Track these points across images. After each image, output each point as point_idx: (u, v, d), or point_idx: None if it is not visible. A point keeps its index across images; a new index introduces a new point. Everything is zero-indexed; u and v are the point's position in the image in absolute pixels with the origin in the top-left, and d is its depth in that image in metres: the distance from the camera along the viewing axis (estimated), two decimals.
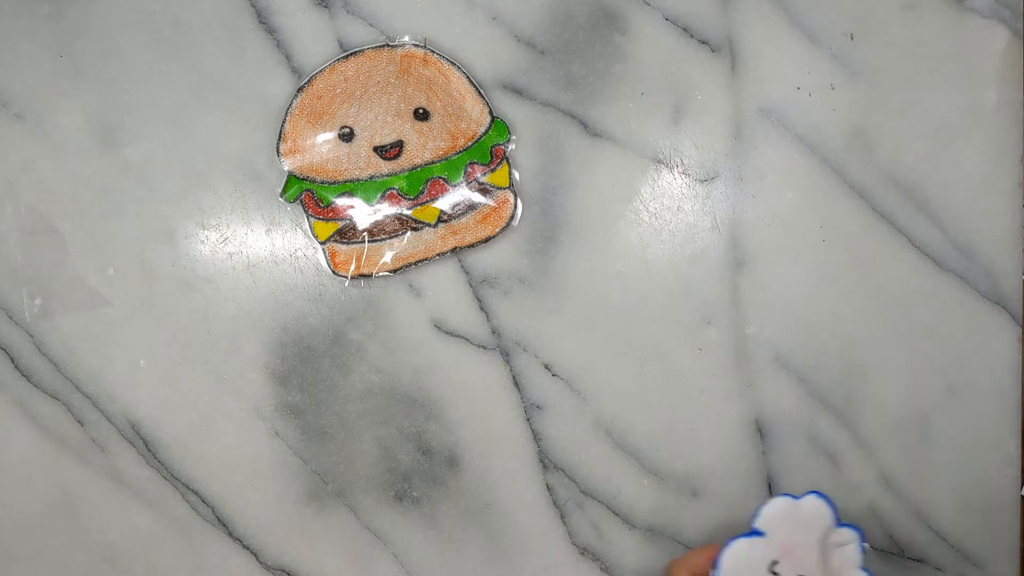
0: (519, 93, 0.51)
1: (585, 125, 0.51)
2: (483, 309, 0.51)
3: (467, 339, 0.52)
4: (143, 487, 0.51)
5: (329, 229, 0.50)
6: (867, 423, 0.53)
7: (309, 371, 0.51)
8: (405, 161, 0.50)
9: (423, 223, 0.50)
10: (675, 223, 0.52)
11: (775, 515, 0.45)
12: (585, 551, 0.53)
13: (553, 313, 0.52)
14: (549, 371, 0.52)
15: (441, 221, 0.50)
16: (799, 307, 0.52)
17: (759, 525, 0.45)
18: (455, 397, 0.52)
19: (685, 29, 0.51)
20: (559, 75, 0.51)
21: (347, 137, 0.50)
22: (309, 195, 0.50)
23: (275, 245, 0.51)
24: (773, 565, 0.44)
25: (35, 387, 0.51)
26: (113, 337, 0.51)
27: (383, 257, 0.50)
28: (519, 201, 0.50)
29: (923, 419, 0.53)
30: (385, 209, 0.50)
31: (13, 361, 0.51)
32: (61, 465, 0.51)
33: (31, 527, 0.52)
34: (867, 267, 0.52)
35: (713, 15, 0.51)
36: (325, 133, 0.50)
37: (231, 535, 0.52)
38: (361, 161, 0.50)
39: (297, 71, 0.50)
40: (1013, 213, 0.52)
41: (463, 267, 0.51)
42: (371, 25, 0.50)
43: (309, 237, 0.51)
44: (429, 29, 0.50)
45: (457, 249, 0.50)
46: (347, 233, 0.50)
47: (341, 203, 0.50)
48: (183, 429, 0.51)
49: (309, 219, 0.50)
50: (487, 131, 0.50)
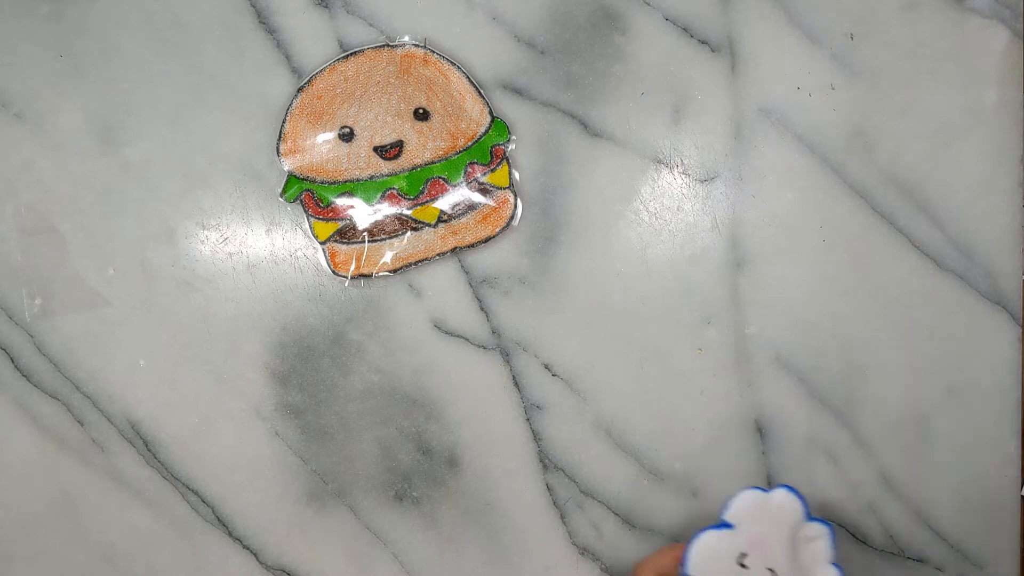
0: (519, 93, 0.51)
1: (585, 125, 0.51)
2: (483, 309, 0.51)
3: (467, 339, 0.52)
4: (143, 487, 0.51)
5: (329, 229, 0.50)
6: (867, 423, 0.53)
7: (309, 371, 0.51)
8: (405, 161, 0.50)
9: (423, 223, 0.50)
10: (675, 223, 0.52)
11: (744, 508, 0.45)
12: (585, 551, 0.53)
13: (553, 313, 0.52)
14: (549, 371, 0.52)
15: (441, 221, 0.50)
16: (799, 307, 0.52)
17: (728, 517, 0.45)
18: (455, 397, 0.52)
19: (685, 29, 0.51)
20: (559, 75, 0.51)
21: (347, 137, 0.50)
22: (309, 195, 0.50)
23: (275, 245, 0.51)
24: (742, 558, 0.44)
25: (35, 387, 0.51)
26: (113, 337, 0.51)
27: (383, 257, 0.50)
28: (519, 201, 0.50)
29: (923, 419, 0.53)
30: (385, 209, 0.50)
31: (13, 361, 0.51)
32: (61, 465, 0.51)
33: (31, 527, 0.52)
34: (867, 267, 0.52)
35: (713, 15, 0.51)
36: (325, 133, 0.50)
37: (231, 535, 0.52)
38: (361, 161, 0.50)
39: (297, 71, 0.50)
40: (1013, 213, 0.52)
41: (463, 267, 0.51)
42: (371, 25, 0.50)
43: (309, 237, 0.51)
44: (429, 29, 0.50)
45: (457, 249, 0.50)
46: (347, 233, 0.50)
47: (341, 203, 0.50)
48: (183, 429, 0.51)
49: (309, 219, 0.50)
50: (487, 131, 0.50)
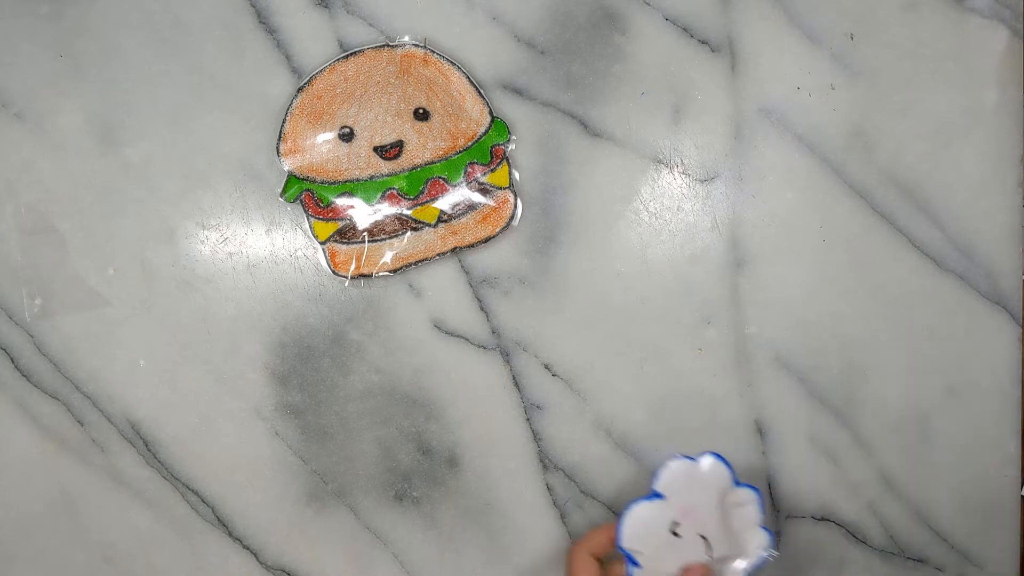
0: (519, 93, 0.51)
1: (585, 125, 0.51)
2: (483, 309, 0.51)
3: (467, 339, 0.52)
4: (143, 487, 0.51)
5: (329, 229, 0.50)
6: (867, 423, 0.53)
7: (309, 371, 0.51)
8: (405, 161, 0.50)
9: (423, 223, 0.50)
10: (675, 223, 0.52)
11: (674, 477, 0.45)
12: None
13: (553, 313, 0.52)
14: (549, 371, 0.52)
15: (441, 221, 0.50)
16: (799, 307, 0.52)
17: (658, 488, 0.45)
18: (455, 397, 0.52)
19: (685, 29, 0.51)
20: (559, 75, 0.51)
21: (347, 137, 0.50)
22: (309, 195, 0.50)
23: (275, 245, 0.51)
24: (674, 526, 0.44)
25: (35, 387, 0.51)
26: (113, 337, 0.51)
27: (383, 257, 0.50)
28: (519, 201, 0.50)
29: (923, 419, 0.53)
30: (385, 209, 0.50)
31: (13, 361, 0.51)
32: (61, 465, 0.51)
33: (31, 527, 0.52)
34: (867, 267, 0.52)
35: (713, 15, 0.51)
36: (325, 133, 0.50)
37: (231, 535, 0.52)
38: (361, 161, 0.50)
39: (297, 71, 0.50)
40: (1013, 213, 0.52)
41: (463, 267, 0.51)
42: (371, 25, 0.50)
43: (309, 237, 0.51)
44: (429, 29, 0.50)
45: (457, 249, 0.50)
46: (347, 233, 0.50)
47: (341, 203, 0.50)
48: (183, 429, 0.51)
49: (309, 219, 0.50)
50: (487, 131, 0.50)
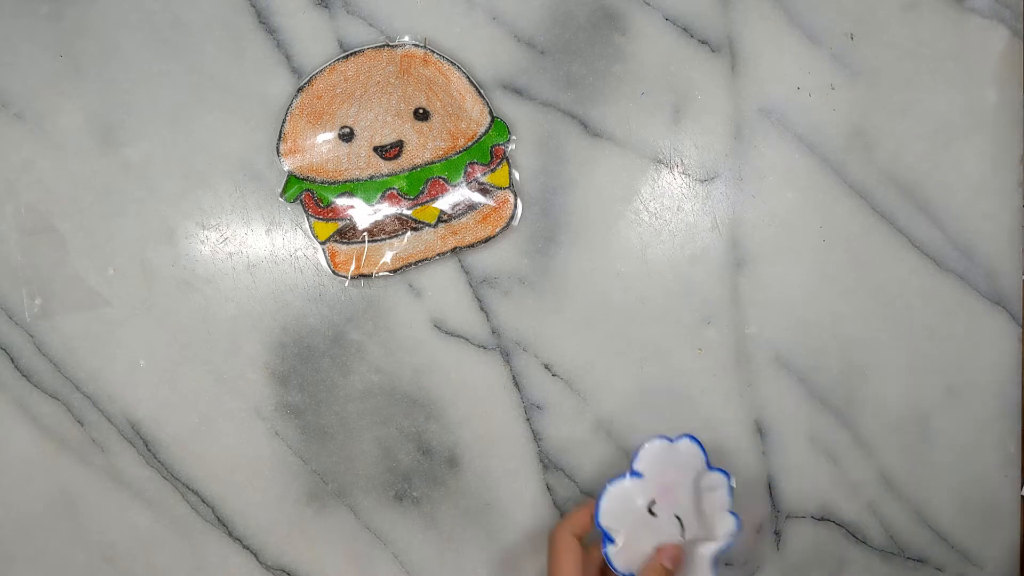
0: (519, 93, 0.51)
1: (585, 125, 0.51)
2: (483, 309, 0.51)
3: (467, 339, 0.52)
4: (143, 487, 0.51)
5: (329, 229, 0.50)
6: (867, 423, 0.53)
7: (309, 371, 0.51)
8: (405, 161, 0.50)
9: (423, 223, 0.50)
10: (675, 223, 0.52)
11: (652, 456, 0.46)
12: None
13: (553, 313, 0.52)
14: (549, 371, 0.52)
15: (441, 221, 0.50)
16: (799, 307, 0.52)
17: (638, 466, 0.46)
18: (455, 397, 0.52)
19: (685, 29, 0.51)
20: (559, 75, 0.51)
21: (347, 137, 0.50)
22: (309, 195, 0.50)
23: (275, 245, 0.51)
24: (651, 505, 0.46)
25: (35, 387, 0.51)
26: (113, 337, 0.51)
27: (383, 257, 0.50)
28: (519, 201, 0.50)
29: (923, 419, 0.53)
30: (385, 209, 0.50)
31: (13, 361, 0.51)
32: (61, 465, 0.51)
33: (31, 527, 0.52)
34: (867, 267, 0.52)
35: (713, 15, 0.51)
36: (325, 133, 0.50)
37: (231, 535, 0.52)
38: (361, 161, 0.50)
39: (297, 71, 0.50)
40: (1013, 213, 0.52)
41: (463, 267, 0.51)
42: (371, 25, 0.50)
43: (309, 237, 0.51)
44: (429, 29, 0.50)
45: (457, 249, 0.50)
46: (347, 233, 0.50)
47: (341, 203, 0.50)
48: (183, 429, 0.51)
49: (309, 219, 0.50)
50: (487, 131, 0.50)
